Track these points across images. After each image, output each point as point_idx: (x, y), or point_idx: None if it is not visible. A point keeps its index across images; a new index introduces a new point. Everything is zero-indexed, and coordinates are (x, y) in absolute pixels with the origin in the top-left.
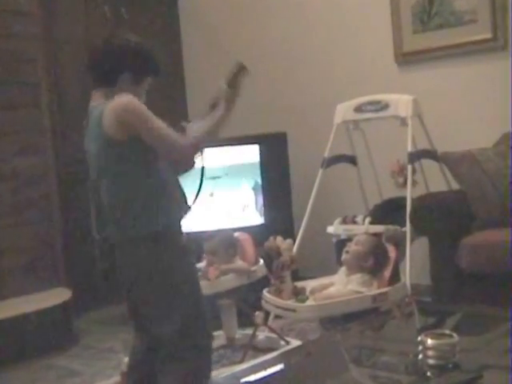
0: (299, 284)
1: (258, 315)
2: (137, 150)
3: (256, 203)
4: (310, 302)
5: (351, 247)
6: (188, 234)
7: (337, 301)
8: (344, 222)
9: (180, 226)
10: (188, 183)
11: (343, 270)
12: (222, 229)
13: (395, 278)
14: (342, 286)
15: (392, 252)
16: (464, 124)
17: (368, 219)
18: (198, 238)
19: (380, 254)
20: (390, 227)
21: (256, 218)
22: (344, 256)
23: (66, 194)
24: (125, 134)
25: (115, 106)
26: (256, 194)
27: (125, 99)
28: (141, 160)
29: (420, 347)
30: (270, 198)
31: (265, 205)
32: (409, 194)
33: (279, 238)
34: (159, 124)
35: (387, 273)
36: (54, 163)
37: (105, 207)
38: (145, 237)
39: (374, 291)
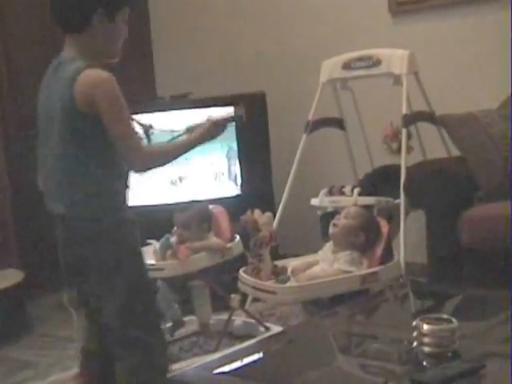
0: (280, 263)
1: (234, 298)
2: (99, 129)
3: (231, 172)
4: (291, 283)
5: (340, 220)
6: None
7: (322, 281)
8: (330, 193)
9: (129, 214)
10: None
11: (329, 246)
12: (194, 200)
13: (388, 256)
14: (327, 265)
15: (384, 227)
16: (466, 83)
17: (357, 190)
18: (168, 210)
19: (372, 230)
20: (382, 199)
21: (231, 189)
22: (331, 229)
23: (15, 166)
24: (91, 111)
25: (88, 80)
26: (231, 162)
27: (103, 76)
28: (101, 139)
29: (415, 333)
30: (246, 166)
31: (241, 174)
32: (403, 161)
33: (257, 212)
34: (126, 120)
35: (379, 250)
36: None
37: (50, 181)
38: (92, 219)
39: (364, 271)
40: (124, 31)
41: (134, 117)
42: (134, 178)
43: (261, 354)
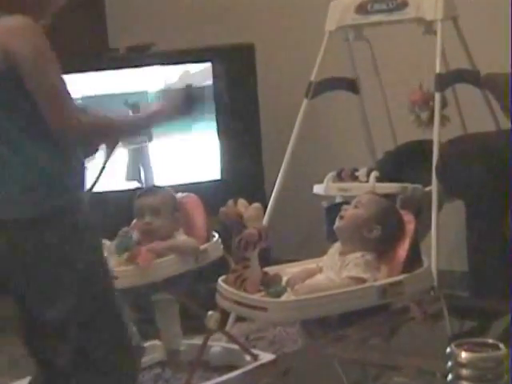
0: (272, 270)
1: (211, 317)
2: (22, 93)
3: (208, 150)
4: (287, 297)
5: (348, 211)
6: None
7: (327, 295)
8: (339, 177)
9: (79, 204)
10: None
11: (336, 247)
12: (158, 186)
13: (414, 261)
14: (333, 273)
15: (410, 223)
16: None
17: (375, 174)
18: (124, 198)
19: (391, 223)
20: (408, 186)
21: (209, 172)
22: (337, 223)
23: None
24: (7, 66)
25: (6, 29)
26: (208, 137)
27: (22, 22)
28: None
29: (450, 363)
30: (229, 143)
31: (221, 152)
32: (436, 136)
33: (242, 202)
34: (54, 75)
35: (402, 253)
36: None
37: None
38: (34, 217)
39: (383, 280)
40: None
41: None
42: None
43: None
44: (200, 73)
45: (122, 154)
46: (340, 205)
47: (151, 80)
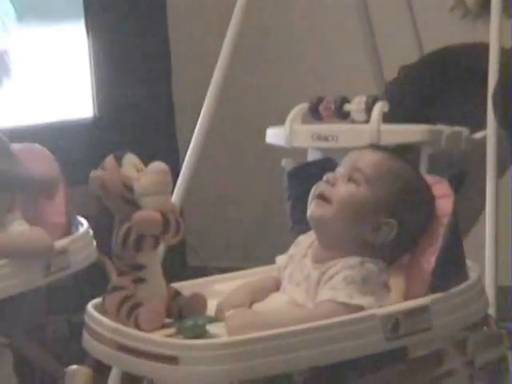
0: (190, 287)
1: (74, 375)
2: None
3: (74, 72)
4: (217, 338)
5: (337, 186)
6: None
7: (288, 333)
8: (315, 114)
9: None
10: None
11: (305, 245)
12: None
13: (452, 270)
14: (302, 292)
15: (445, 200)
16: None
17: (381, 106)
18: None
19: (416, 212)
20: (442, 129)
21: (77, 108)
22: (314, 207)
23: None
24: None
25: None
26: (78, 52)
27: None
28: None
29: None
30: (110, 59)
31: (95, 75)
32: (495, 35)
33: (132, 160)
34: None
35: (431, 256)
36: None
37: None
38: None
39: (395, 305)
40: None
41: None
42: None
43: None
44: None
45: None
46: (316, 167)
47: None
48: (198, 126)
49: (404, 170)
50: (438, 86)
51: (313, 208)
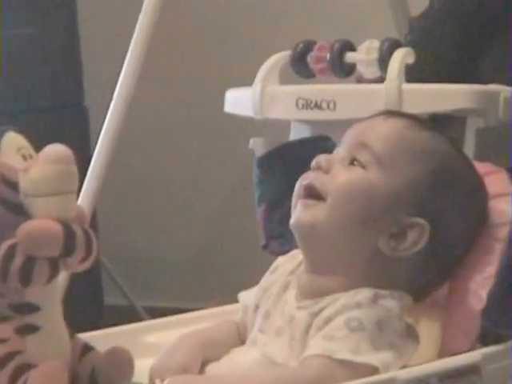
0: (108, 337)
1: None
2: None
3: None
4: None
5: (333, 172)
6: None
7: None
8: (301, 65)
9: None
10: None
11: (288, 268)
12: None
13: None
14: (284, 343)
15: (503, 201)
16: None
17: (403, 54)
18: None
19: (446, 198)
20: (499, 89)
21: None
22: (298, 210)
23: None
24: None
25: None
26: None
27: None
28: None
29: None
30: None
31: None
32: None
33: (13, 140)
34: None
35: (481, 286)
36: None
37: None
38: None
39: (425, 364)
40: None
41: None
42: None
43: None
44: None
45: None
46: (304, 150)
47: None
48: (116, 95)
49: (438, 144)
50: (494, 23)
51: (298, 211)
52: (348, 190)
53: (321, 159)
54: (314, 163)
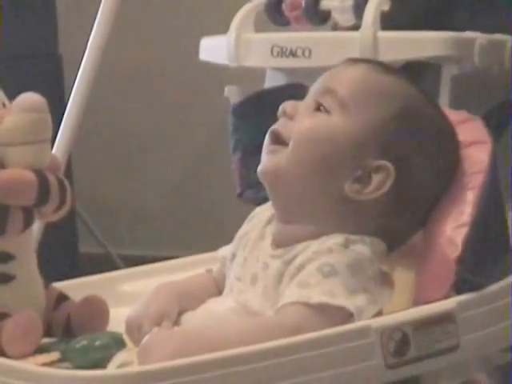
0: (75, 287)
1: None
2: None
3: None
4: (126, 367)
5: (298, 118)
6: None
7: (233, 357)
8: (275, 12)
9: None
10: None
11: (265, 216)
12: None
13: (489, 257)
14: (259, 291)
15: (477, 149)
16: None
17: (378, 1)
18: None
19: (412, 139)
20: (474, 36)
21: None
22: (264, 157)
23: None
24: None
25: None
26: None
27: None
28: None
29: None
30: None
31: None
32: None
33: None
34: None
35: (456, 234)
36: None
37: None
38: None
39: (400, 311)
40: None
41: None
42: None
43: None
44: None
45: None
46: (279, 98)
47: None
48: (90, 44)
49: (402, 86)
50: None
51: (263, 157)
52: (309, 135)
53: (287, 105)
54: (280, 110)
